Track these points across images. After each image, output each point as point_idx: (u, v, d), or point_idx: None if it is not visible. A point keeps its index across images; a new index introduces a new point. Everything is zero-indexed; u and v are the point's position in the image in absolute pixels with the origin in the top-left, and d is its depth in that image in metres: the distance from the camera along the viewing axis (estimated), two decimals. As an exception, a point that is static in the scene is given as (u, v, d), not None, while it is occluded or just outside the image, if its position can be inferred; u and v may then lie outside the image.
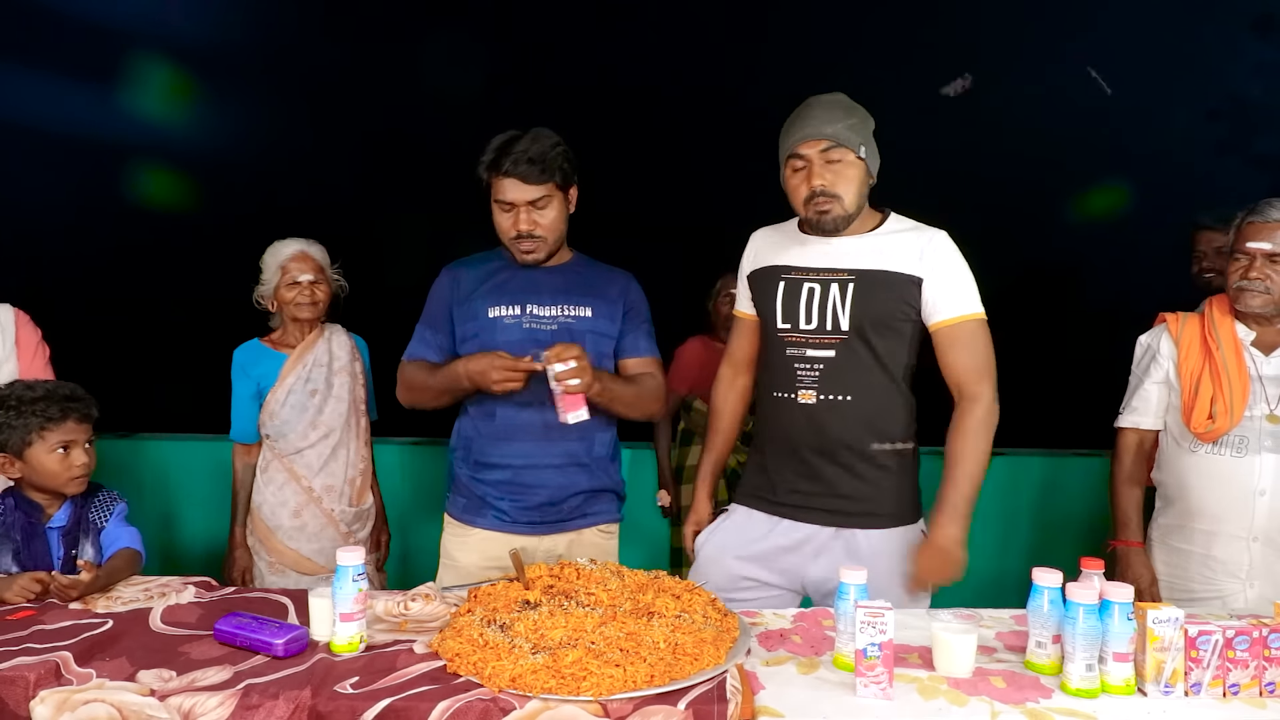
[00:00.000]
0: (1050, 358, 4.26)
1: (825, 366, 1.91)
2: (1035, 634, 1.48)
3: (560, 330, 2.08)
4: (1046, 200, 4.77)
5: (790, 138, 1.90)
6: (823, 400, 1.92)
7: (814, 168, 1.87)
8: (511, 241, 2.08)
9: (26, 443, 1.95)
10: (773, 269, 2.01)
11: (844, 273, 1.91)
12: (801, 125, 1.88)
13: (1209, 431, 2.08)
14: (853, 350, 1.90)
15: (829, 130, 1.85)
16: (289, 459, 2.61)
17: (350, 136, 4.76)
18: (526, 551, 2.02)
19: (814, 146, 1.86)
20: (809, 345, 1.93)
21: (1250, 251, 2.05)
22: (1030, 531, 3.07)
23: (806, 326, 1.93)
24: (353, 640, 1.51)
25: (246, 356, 2.66)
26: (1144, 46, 4.87)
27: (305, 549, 2.60)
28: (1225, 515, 2.09)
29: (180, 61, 4.69)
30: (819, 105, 1.90)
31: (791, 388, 1.95)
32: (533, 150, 2.00)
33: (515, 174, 2.00)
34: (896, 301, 1.89)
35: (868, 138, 1.91)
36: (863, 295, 1.89)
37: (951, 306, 1.88)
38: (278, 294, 2.62)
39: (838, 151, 1.86)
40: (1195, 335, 2.17)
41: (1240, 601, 2.08)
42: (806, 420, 1.93)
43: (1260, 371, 2.09)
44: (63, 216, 4.79)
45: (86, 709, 1.33)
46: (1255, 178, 5.08)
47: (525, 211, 2.03)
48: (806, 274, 1.95)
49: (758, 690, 1.40)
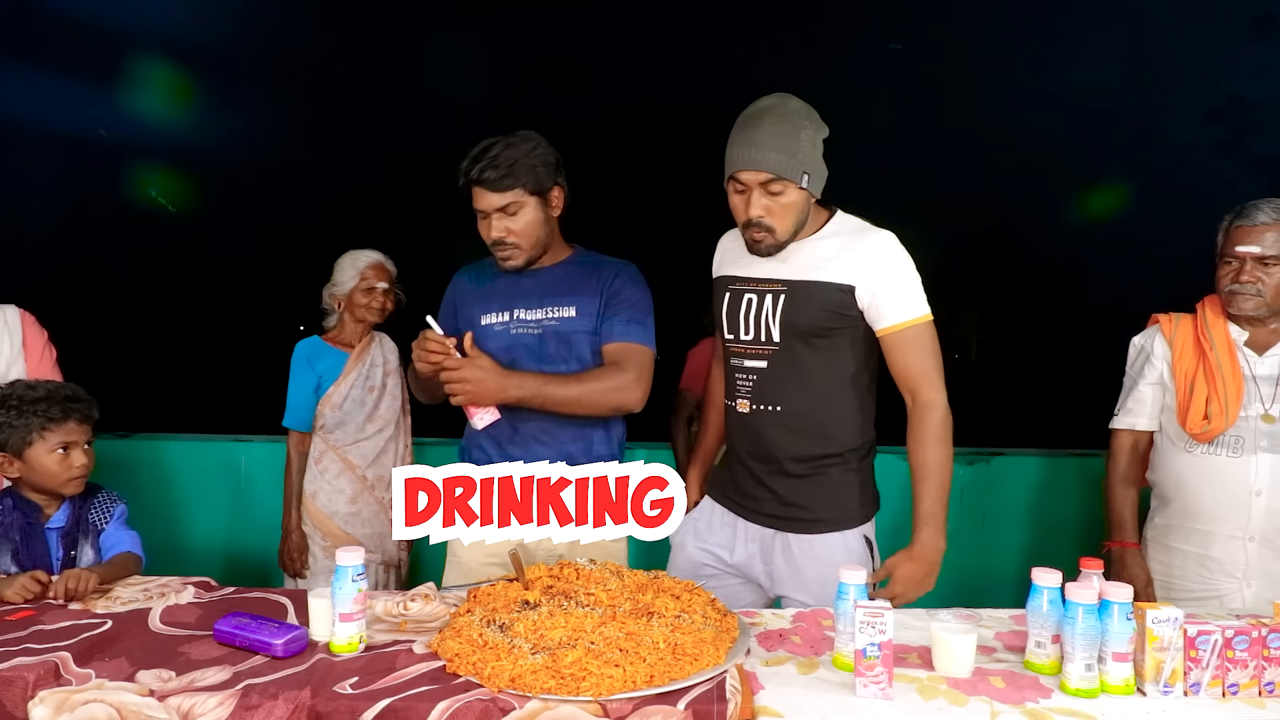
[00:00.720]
0: (1050, 357, 4.26)
1: (758, 377, 1.95)
2: (1035, 634, 1.48)
3: (546, 334, 2.07)
4: (1046, 200, 4.77)
5: (732, 160, 1.85)
6: (755, 410, 1.96)
7: (752, 196, 1.84)
8: (491, 248, 2.10)
9: (27, 442, 1.95)
10: (723, 279, 2.05)
11: (778, 283, 1.92)
12: (745, 147, 1.82)
13: (1205, 432, 2.09)
14: (782, 361, 1.93)
15: (771, 161, 1.79)
16: (344, 450, 2.80)
17: (352, 137, 4.77)
18: (530, 550, 2.02)
19: (755, 176, 1.82)
20: (746, 355, 1.97)
21: (1240, 255, 2.07)
22: (1029, 531, 3.06)
23: (745, 337, 1.97)
24: (352, 640, 1.51)
25: (311, 350, 2.84)
26: (1144, 48, 4.87)
27: (359, 534, 2.80)
28: (1222, 515, 2.10)
29: (180, 62, 4.69)
30: (766, 127, 1.81)
31: (733, 396, 2.01)
32: (501, 157, 1.99)
33: (480, 181, 2.01)
34: (826, 311, 1.88)
35: (813, 159, 1.84)
36: (791, 306, 1.90)
37: (895, 312, 1.86)
38: (351, 296, 2.84)
39: (779, 184, 1.81)
40: (1189, 336, 2.17)
41: (1237, 601, 2.09)
42: (744, 428, 1.99)
43: (1254, 371, 2.10)
44: (62, 216, 4.80)
45: (85, 709, 1.33)
46: (1255, 178, 5.09)
47: (496, 219, 2.04)
48: (748, 284, 1.97)
49: (757, 690, 1.40)
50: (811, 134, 1.84)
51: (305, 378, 2.81)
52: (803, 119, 1.84)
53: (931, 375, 1.88)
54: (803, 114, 1.85)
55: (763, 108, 1.85)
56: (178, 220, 4.90)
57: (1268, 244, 2.04)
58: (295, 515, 2.81)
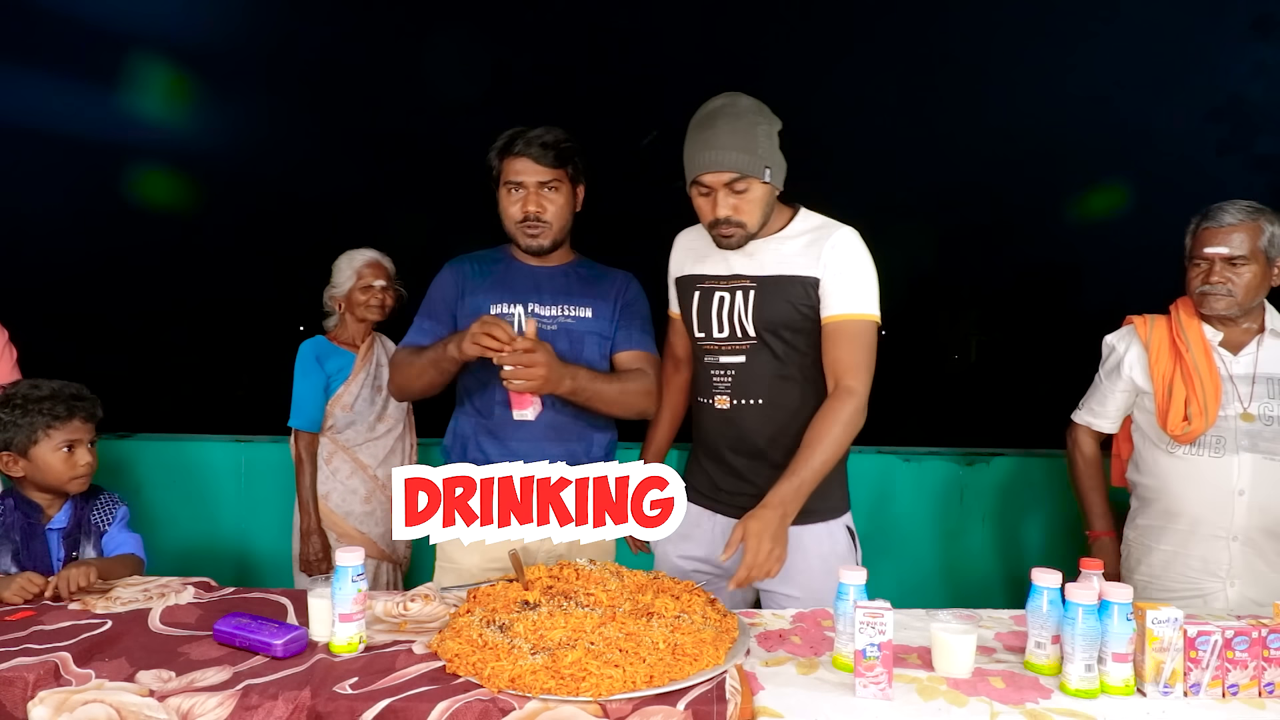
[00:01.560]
0: (1049, 357, 4.26)
1: (736, 372, 1.97)
2: (1034, 634, 1.48)
3: (560, 331, 2.08)
4: (1046, 200, 4.78)
5: (693, 163, 1.86)
6: (736, 405, 1.98)
7: (718, 196, 1.86)
8: (518, 226, 2.08)
9: (32, 441, 1.96)
10: (690, 278, 2.06)
11: (747, 279, 1.95)
12: (704, 149, 1.84)
13: (1186, 433, 2.10)
14: (760, 355, 1.95)
15: (732, 160, 1.81)
16: (355, 450, 2.80)
17: (353, 138, 4.78)
18: (529, 552, 2.02)
19: (718, 178, 1.84)
20: (722, 352, 1.99)
21: (1208, 257, 2.09)
22: (1029, 532, 3.07)
23: (719, 335, 1.99)
24: (352, 641, 1.51)
25: (318, 350, 2.83)
26: (1145, 48, 4.88)
27: (373, 533, 2.81)
28: (1205, 515, 2.11)
29: (180, 62, 4.71)
30: (721, 127, 1.83)
31: (709, 393, 2.02)
32: (547, 136, 2.04)
33: (528, 154, 2.03)
34: (797, 304, 1.91)
35: (772, 152, 1.87)
36: (763, 301, 1.93)
37: (841, 303, 1.88)
38: (350, 295, 2.84)
39: (743, 182, 1.83)
40: (1164, 338, 2.19)
41: (1220, 601, 2.10)
42: (724, 424, 2.00)
43: (1230, 371, 2.11)
44: (63, 217, 4.82)
45: (85, 710, 1.33)
46: (1255, 178, 5.10)
47: (535, 193, 2.05)
48: (717, 282, 1.99)
49: (757, 691, 1.40)
50: (767, 128, 1.86)
51: (314, 378, 2.79)
52: (756, 115, 1.85)
53: (861, 367, 1.88)
54: (755, 110, 1.86)
55: (714, 109, 1.87)
56: (178, 220, 4.92)
57: (1235, 245, 2.06)
58: (314, 517, 2.78)
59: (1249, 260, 2.06)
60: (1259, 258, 2.06)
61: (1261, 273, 2.07)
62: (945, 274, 5.08)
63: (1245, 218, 2.07)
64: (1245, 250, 2.05)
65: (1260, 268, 2.07)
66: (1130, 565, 2.27)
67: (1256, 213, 2.08)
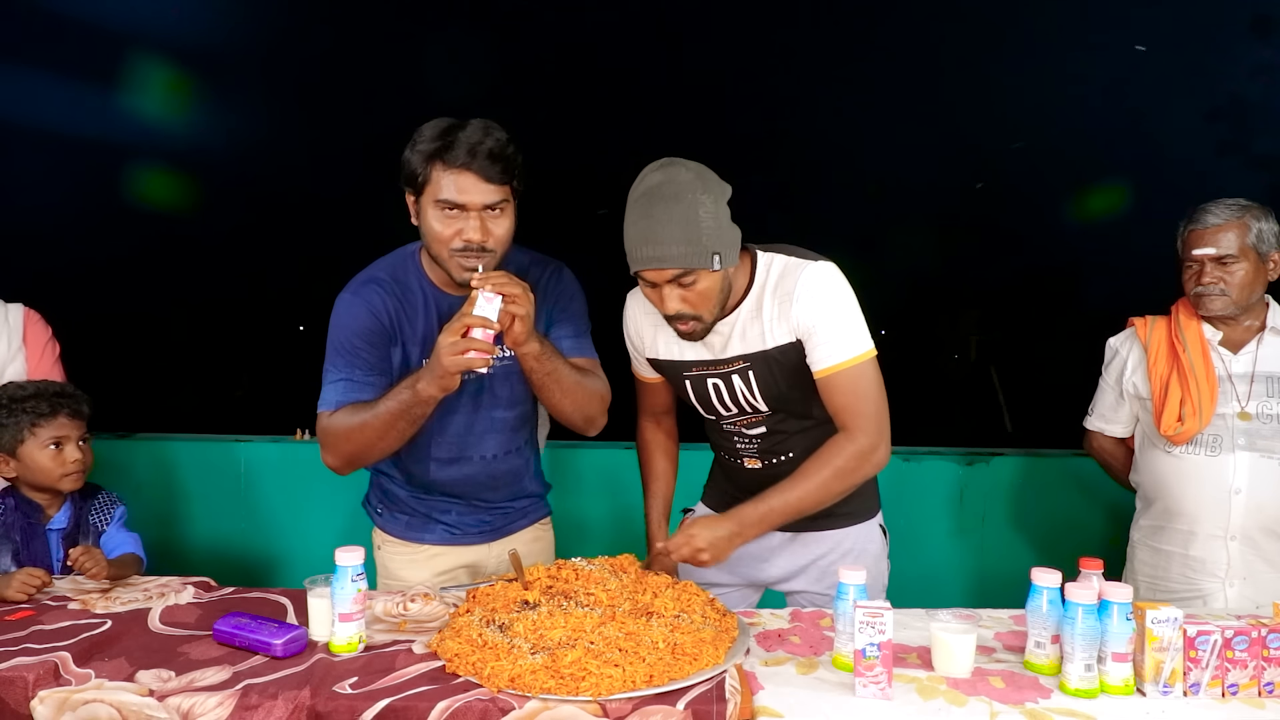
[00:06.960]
0: (1050, 357, 4.26)
1: (761, 439, 1.91)
2: (1034, 634, 1.48)
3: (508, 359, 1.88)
4: (1046, 200, 4.77)
5: (634, 256, 1.67)
6: (768, 464, 1.92)
7: (664, 291, 1.68)
8: (454, 254, 1.72)
9: (19, 440, 1.98)
10: (674, 364, 1.91)
11: (737, 361, 1.82)
12: (643, 244, 1.64)
13: (1179, 434, 2.10)
14: (781, 419, 1.87)
15: (674, 254, 1.62)
16: None
17: (351, 138, 4.76)
18: (488, 563, 2.02)
19: (661, 274, 1.65)
20: (740, 426, 1.91)
21: (1198, 258, 2.08)
22: (1029, 531, 3.07)
23: (729, 413, 1.90)
24: (351, 640, 1.51)
25: None
26: (1144, 47, 4.87)
27: None
28: (1203, 515, 2.11)
29: (180, 62, 4.70)
30: (659, 217, 1.62)
31: (736, 455, 1.96)
32: (490, 143, 1.67)
33: (474, 169, 1.67)
34: (796, 369, 1.80)
35: (718, 233, 1.65)
36: (763, 377, 1.81)
37: (827, 356, 1.74)
38: None
39: (689, 276, 1.65)
40: (1163, 339, 2.19)
41: (1220, 601, 2.10)
42: (758, 479, 1.89)
43: (1230, 370, 2.11)
44: (62, 216, 4.80)
45: (87, 709, 1.33)
46: (1254, 178, 5.09)
47: (478, 217, 1.70)
48: (706, 369, 1.86)
49: (757, 690, 1.40)
50: (711, 206, 1.64)
51: None
52: (696, 193, 1.63)
53: (861, 415, 1.75)
54: (695, 187, 1.63)
55: (650, 189, 1.64)
56: (177, 220, 4.90)
57: (1223, 244, 2.05)
58: None
59: (1239, 258, 2.05)
60: (1249, 254, 2.06)
61: (1254, 269, 2.07)
62: (945, 274, 5.10)
63: (1231, 216, 2.06)
64: (1234, 249, 2.05)
65: (1252, 264, 2.06)
66: (1133, 565, 2.27)
67: (1242, 210, 2.07)
